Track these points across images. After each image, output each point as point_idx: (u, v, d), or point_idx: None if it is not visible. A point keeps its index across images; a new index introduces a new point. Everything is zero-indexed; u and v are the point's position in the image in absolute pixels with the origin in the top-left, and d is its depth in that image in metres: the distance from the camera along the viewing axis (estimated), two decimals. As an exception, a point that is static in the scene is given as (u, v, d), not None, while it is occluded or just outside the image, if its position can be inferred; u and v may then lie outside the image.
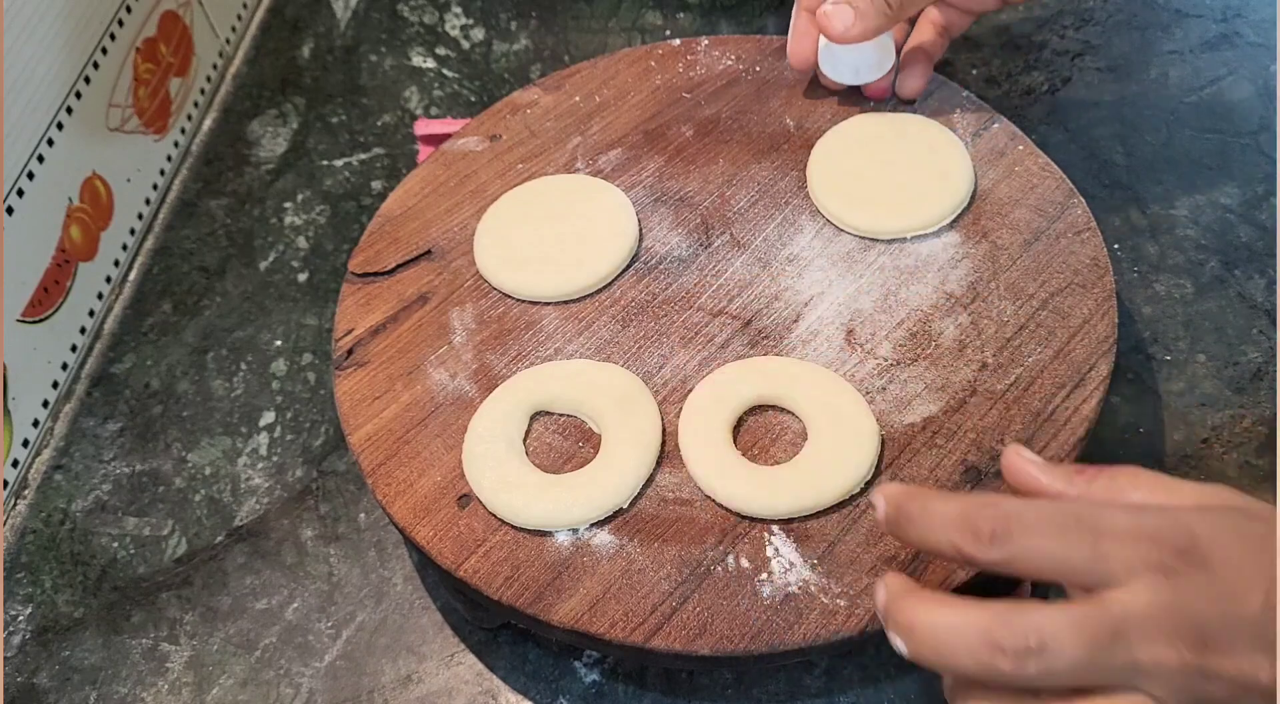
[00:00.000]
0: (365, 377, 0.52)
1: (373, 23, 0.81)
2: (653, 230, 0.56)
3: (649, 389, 0.50)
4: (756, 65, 0.63)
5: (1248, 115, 0.69)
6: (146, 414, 0.61)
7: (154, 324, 0.65)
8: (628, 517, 0.46)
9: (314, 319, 0.64)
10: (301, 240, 0.68)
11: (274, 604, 0.53)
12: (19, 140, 0.57)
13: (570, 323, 0.53)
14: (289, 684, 0.51)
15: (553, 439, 0.49)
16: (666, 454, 0.48)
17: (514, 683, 0.50)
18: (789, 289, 0.53)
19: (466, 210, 0.58)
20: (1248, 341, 0.58)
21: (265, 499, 0.57)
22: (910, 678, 0.49)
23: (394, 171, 0.71)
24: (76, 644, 0.53)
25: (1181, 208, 0.64)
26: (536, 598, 0.44)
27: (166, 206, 0.71)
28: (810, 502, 0.45)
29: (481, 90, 0.76)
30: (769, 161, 0.58)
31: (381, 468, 0.48)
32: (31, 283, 0.59)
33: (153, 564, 0.55)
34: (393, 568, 0.54)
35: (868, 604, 0.43)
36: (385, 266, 0.56)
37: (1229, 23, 0.74)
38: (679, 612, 0.43)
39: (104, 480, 0.59)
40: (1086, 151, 0.68)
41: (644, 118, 0.61)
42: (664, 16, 0.79)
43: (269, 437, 0.59)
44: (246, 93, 0.77)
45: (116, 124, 0.66)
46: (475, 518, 0.47)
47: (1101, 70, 0.72)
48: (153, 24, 0.70)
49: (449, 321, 0.54)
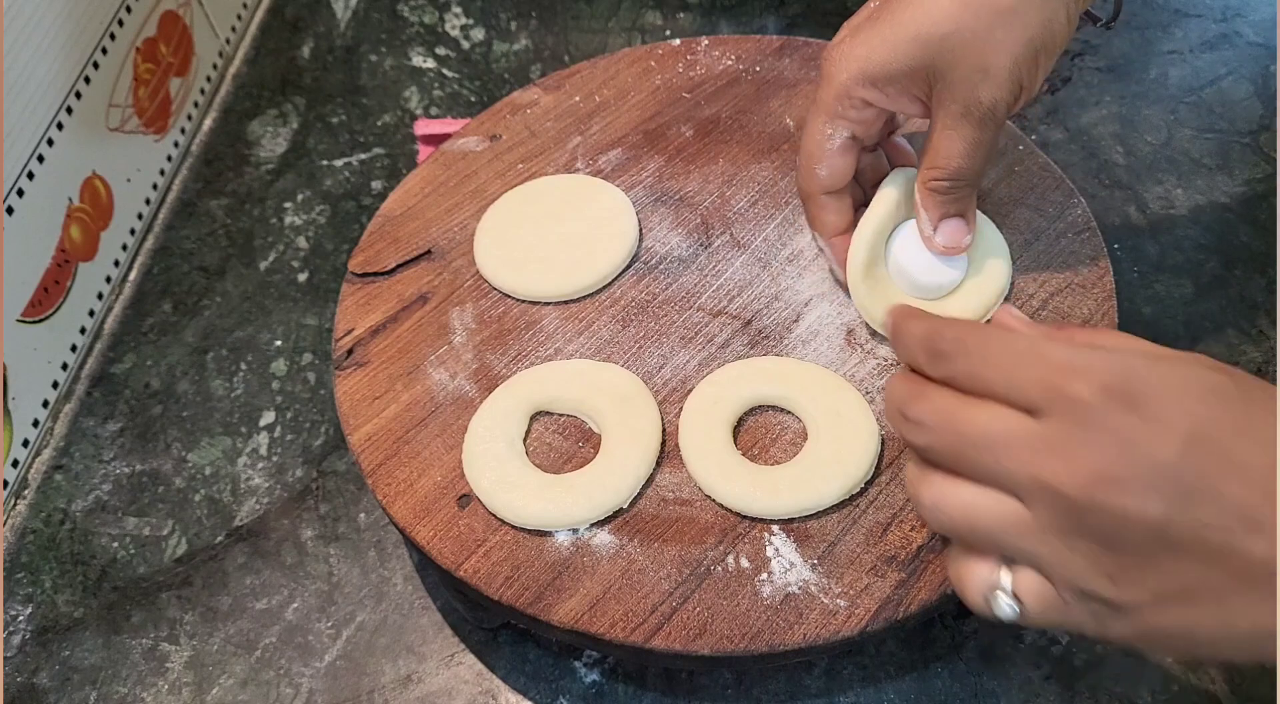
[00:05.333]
0: (365, 377, 0.52)
1: (373, 23, 0.81)
2: (653, 230, 0.56)
3: (649, 389, 0.50)
4: (756, 65, 0.63)
5: (1248, 115, 0.69)
6: (146, 414, 0.61)
7: (154, 324, 0.65)
8: (628, 517, 0.46)
9: (314, 319, 0.64)
10: (301, 240, 0.68)
11: (274, 604, 0.53)
12: (19, 140, 0.57)
13: (570, 323, 0.53)
14: (289, 684, 0.51)
15: (553, 439, 0.49)
16: (666, 454, 0.48)
17: (514, 683, 0.50)
18: (789, 289, 0.53)
19: (466, 210, 0.58)
20: (1248, 341, 0.58)
21: (265, 499, 0.57)
22: (910, 678, 0.49)
23: (394, 171, 0.71)
24: (76, 644, 0.53)
25: (1181, 208, 0.64)
26: (536, 598, 0.44)
27: (166, 206, 0.71)
28: (810, 502, 0.45)
29: (481, 90, 0.76)
30: (769, 161, 0.58)
31: (381, 468, 0.48)
32: (31, 283, 0.59)
33: (153, 564, 0.55)
34: (393, 568, 0.54)
35: (868, 604, 0.43)
36: (385, 266, 0.56)
37: (1229, 23, 0.74)
38: (679, 612, 0.43)
39: (104, 480, 0.59)
40: (1086, 151, 0.68)
41: (644, 118, 0.61)
42: (664, 16, 0.79)
43: (269, 437, 0.59)
44: (246, 93, 0.77)
45: (116, 124, 0.66)
46: (475, 518, 0.47)
47: (1101, 70, 0.72)
48: (153, 24, 0.70)
49: (449, 321, 0.54)
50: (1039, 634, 0.50)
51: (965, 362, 0.36)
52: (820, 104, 0.48)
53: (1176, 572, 0.32)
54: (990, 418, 0.34)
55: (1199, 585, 0.32)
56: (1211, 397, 0.33)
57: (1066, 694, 0.48)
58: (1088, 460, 0.32)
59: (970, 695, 0.49)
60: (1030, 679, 0.49)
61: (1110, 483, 0.32)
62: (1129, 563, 0.32)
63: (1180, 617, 0.33)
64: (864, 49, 0.46)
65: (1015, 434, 0.34)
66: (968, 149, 0.45)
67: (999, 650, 0.50)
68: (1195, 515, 0.31)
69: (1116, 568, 0.33)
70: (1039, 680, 0.49)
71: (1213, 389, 0.33)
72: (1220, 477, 0.31)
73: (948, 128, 0.45)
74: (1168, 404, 0.32)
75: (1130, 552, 0.32)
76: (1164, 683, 0.48)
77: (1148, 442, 0.32)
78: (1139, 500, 0.32)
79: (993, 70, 0.43)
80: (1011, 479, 0.34)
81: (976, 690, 0.49)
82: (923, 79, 0.45)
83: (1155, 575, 0.32)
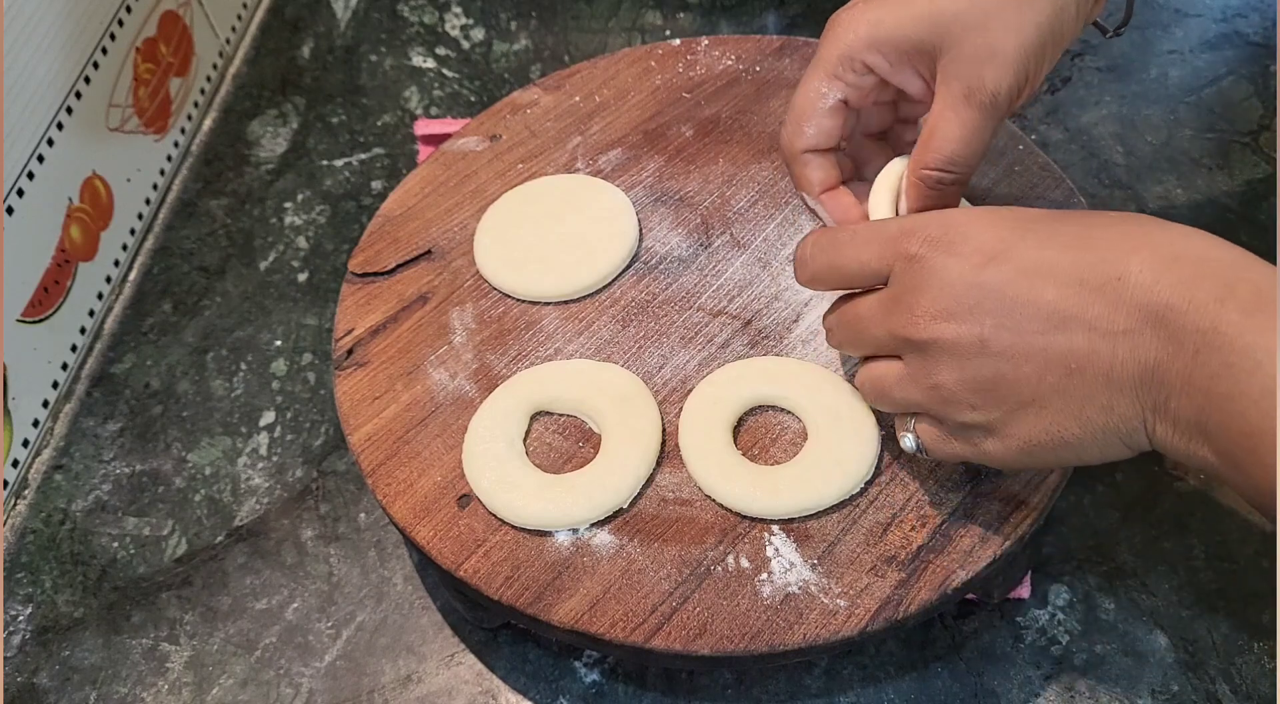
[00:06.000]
0: (365, 377, 0.52)
1: (373, 23, 0.81)
2: (653, 230, 0.56)
3: (649, 389, 0.50)
4: (756, 65, 0.63)
5: (1248, 115, 0.69)
6: (146, 414, 0.61)
7: (154, 324, 0.65)
8: (628, 517, 0.46)
9: (314, 319, 0.64)
10: (301, 240, 0.68)
11: (274, 604, 0.53)
12: (19, 140, 0.57)
13: (570, 323, 0.53)
14: (289, 684, 0.51)
15: (553, 439, 0.49)
16: (666, 454, 0.48)
17: (514, 683, 0.50)
18: (789, 289, 0.53)
19: (466, 210, 0.58)
20: (1248, 341, 0.58)
21: (265, 499, 0.57)
22: (910, 678, 0.49)
23: (394, 171, 0.71)
24: (76, 644, 0.53)
25: (1181, 208, 0.64)
26: (536, 598, 0.44)
27: (166, 206, 0.71)
28: (810, 502, 0.45)
29: (481, 90, 0.76)
30: (769, 161, 0.58)
31: (381, 468, 0.48)
32: (31, 283, 0.59)
33: (153, 564, 0.55)
34: (393, 568, 0.54)
35: (868, 604, 0.43)
36: (385, 266, 0.56)
37: (1229, 23, 0.74)
38: (679, 612, 0.43)
39: (104, 480, 0.59)
40: (1086, 151, 0.68)
41: (644, 118, 0.61)
42: (664, 16, 0.79)
43: (269, 437, 0.59)
44: (246, 93, 0.77)
45: (116, 124, 0.66)
46: (475, 518, 0.47)
47: (1101, 70, 0.72)
48: (153, 24, 0.70)
49: (449, 321, 0.54)
50: (1039, 634, 0.50)
51: (824, 257, 0.42)
52: (820, 62, 0.47)
53: (1017, 381, 0.36)
54: (858, 301, 0.41)
55: (1039, 389, 0.36)
56: (1013, 221, 0.38)
57: (1066, 694, 0.48)
58: (922, 303, 0.38)
59: (970, 695, 0.49)
60: (1030, 679, 0.49)
61: (941, 316, 0.37)
62: (981, 385, 0.37)
63: (1038, 422, 0.37)
64: (875, 14, 0.46)
65: (872, 305, 0.40)
66: (966, 134, 0.44)
67: (999, 650, 0.50)
68: (1008, 324, 0.36)
69: (972, 393, 0.38)
70: (1039, 680, 0.49)
71: (1016, 217, 0.38)
72: (1025, 286, 0.36)
73: (948, 109, 0.45)
74: (976, 238, 0.37)
75: (974, 373, 0.37)
76: (1164, 683, 0.48)
77: (963, 273, 0.37)
78: (964, 325, 0.37)
79: (1000, 52, 0.43)
80: (881, 343, 0.40)
81: (976, 690, 0.49)
82: (929, 54, 0.45)
83: (1004, 389, 0.37)
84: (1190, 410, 0.34)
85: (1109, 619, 0.50)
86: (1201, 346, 0.33)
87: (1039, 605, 0.51)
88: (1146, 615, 0.50)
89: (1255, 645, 0.49)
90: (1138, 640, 0.50)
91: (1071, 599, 0.51)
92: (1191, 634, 0.50)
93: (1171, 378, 0.34)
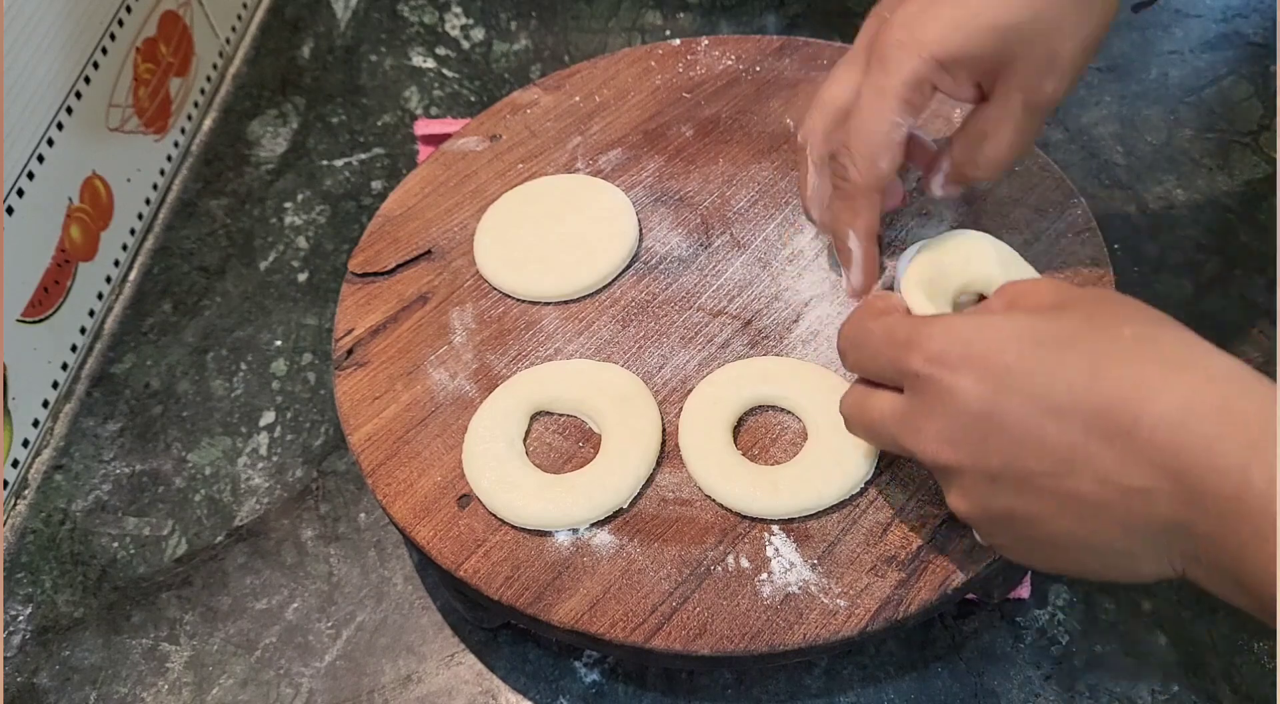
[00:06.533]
0: (365, 377, 0.52)
1: (373, 23, 0.81)
2: (653, 230, 0.56)
3: (649, 389, 0.50)
4: (756, 65, 0.63)
5: (1248, 115, 0.69)
6: (146, 414, 0.61)
7: (154, 324, 0.65)
8: (628, 517, 0.46)
9: (314, 319, 0.64)
10: (301, 240, 0.68)
11: (274, 604, 0.53)
12: (19, 140, 0.57)
13: (570, 323, 0.53)
14: (289, 684, 0.51)
15: (553, 439, 0.49)
16: (666, 454, 0.48)
17: (514, 683, 0.50)
18: (789, 289, 0.53)
19: (466, 210, 0.58)
20: (1247, 342, 0.58)
21: (265, 499, 0.57)
22: (910, 678, 0.49)
23: (394, 171, 0.71)
24: (76, 644, 0.53)
25: (1181, 208, 0.64)
26: (536, 598, 0.44)
27: (166, 206, 0.71)
28: (810, 502, 0.45)
29: (481, 90, 0.76)
30: (769, 161, 0.58)
31: (381, 468, 0.48)
32: (31, 283, 0.59)
33: (153, 564, 0.55)
34: (393, 568, 0.54)
35: (868, 604, 0.43)
36: (385, 266, 0.56)
37: (1229, 23, 0.74)
38: (679, 612, 0.43)
39: (104, 480, 0.59)
40: (1086, 151, 0.68)
41: (644, 118, 0.61)
42: (664, 16, 0.79)
43: (269, 437, 0.59)
44: (246, 93, 0.77)
45: (116, 124, 0.66)
46: (475, 518, 0.47)
47: (1101, 70, 0.72)
48: (153, 24, 0.70)
49: (449, 321, 0.54)
50: (1039, 634, 0.50)
51: (854, 355, 0.41)
52: (889, 92, 0.44)
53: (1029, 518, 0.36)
54: (876, 403, 0.40)
55: (1053, 528, 0.36)
56: (1016, 340, 0.36)
57: (1066, 694, 0.48)
58: (930, 428, 0.37)
59: (970, 695, 0.49)
60: (1030, 679, 0.49)
61: (949, 445, 0.36)
62: (994, 516, 0.37)
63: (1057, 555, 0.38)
64: (935, 34, 0.43)
65: (888, 414, 0.39)
66: (1020, 141, 0.44)
67: (999, 650, 0.50)
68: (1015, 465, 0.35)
69: (987, 522, 0.38)
70: (1039, 680, 0.49)
71: (1020, 334, 0.36)
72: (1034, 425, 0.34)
73: (1007, 118, 0.44)
74: (981, 360, 0.36)
75: (985, 503, 0.37)
76: (1164, 683, 0.48)
77: (968, 403, 0.36)
78: (973, 459, 0.36)
79: (1059, 59, 0.43)
80: (896, 448, 0.40)
81: (976, 690, 0.49)
82: (990, 67, 0.44)
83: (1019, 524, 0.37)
84: (1223, 564, 0.32)
85: (1109, 619, 0.50)
86: (1228, 513, 0.31)
87: (1039, 605, 0.51)
88: (1146, 615, 0.50)
89: (1255, 646, 0.49)
90: (1138, 640, 0.50)
91: (1071, 599, 0.51)
92: (1191, 634, 0.50)
93: (1198, 534, 0.32)
